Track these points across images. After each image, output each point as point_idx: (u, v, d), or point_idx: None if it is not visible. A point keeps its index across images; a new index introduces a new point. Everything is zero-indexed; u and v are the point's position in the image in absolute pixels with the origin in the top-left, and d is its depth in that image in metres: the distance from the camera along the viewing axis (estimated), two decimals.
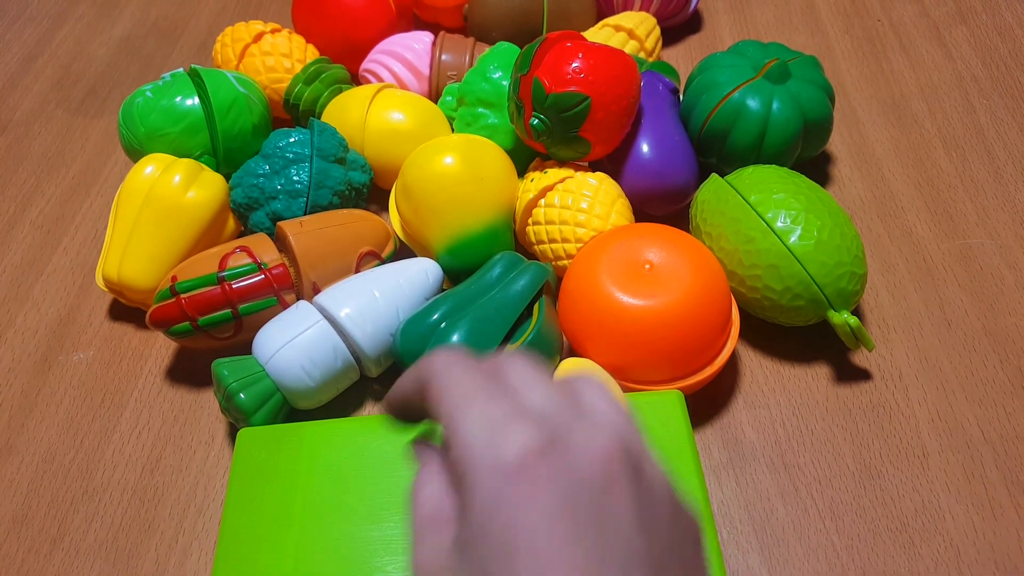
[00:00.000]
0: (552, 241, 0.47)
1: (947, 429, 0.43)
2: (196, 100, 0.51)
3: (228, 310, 0.43)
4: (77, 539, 0.41)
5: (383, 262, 0.47)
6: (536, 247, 0.48)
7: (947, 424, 0.43)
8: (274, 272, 0.44)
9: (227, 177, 0.51)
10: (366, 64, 0.59)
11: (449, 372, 0.21)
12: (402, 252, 0.51)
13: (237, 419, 0.41)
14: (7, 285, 0.53)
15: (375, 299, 0.43)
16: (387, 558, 0.33)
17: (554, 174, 0.48)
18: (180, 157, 0.50)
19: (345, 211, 0.48)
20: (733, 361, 0.46)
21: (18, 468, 0.44)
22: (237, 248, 0.45)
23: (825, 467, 0.42)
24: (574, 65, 0.46)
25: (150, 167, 0.47)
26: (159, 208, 0.46)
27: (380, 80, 0.58)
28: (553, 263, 0.47)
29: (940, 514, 0.40)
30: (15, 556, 0.41)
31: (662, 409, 0.38)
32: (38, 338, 0.50)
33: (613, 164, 0.50)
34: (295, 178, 0.47)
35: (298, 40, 0.59)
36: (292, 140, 0.48)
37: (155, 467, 0.44)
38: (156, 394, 0.47)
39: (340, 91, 0.57)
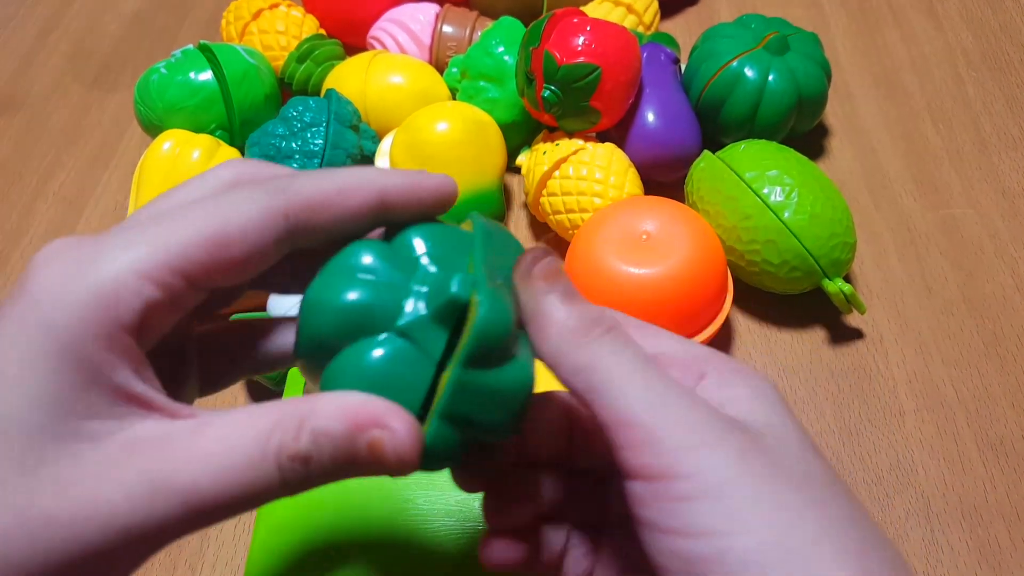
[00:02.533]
0: (569, 211, 0.49)
1: (923, 390, 0.45)
2: (210, 74, 0.53)
3: None
4: None
5: None
6: (552, 217, 0.51)
7: (923, 385, 0.45)
8: None
9: (242, 150, 0.54)
10: (373, 31, 0.61)
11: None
12: None
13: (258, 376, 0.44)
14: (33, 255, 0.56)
15: None
16: (418, 492, 0.37)
17: (566, 146, 0.50)
18: (197, 130, 0.53)
19: None
20: (725, 326, 0.49)
21: None
22: None
23: (807, 425, 0.44)
24: (582, 38, 0.48)
25: (168, 143, 0.50)
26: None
27: (385, 47, 0.60)
28: (570, 232, 0.50)
29: (913, 468, 0.42)
30: None
31: None
32: None
33: (619, 133, 0.53)
34: (311, 140, 0.50)
35: (294, 16, 0.60)
36: (311, 105, 0.51)
37: None
38: None
39: (332, 67, 0.58)
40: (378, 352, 0.19)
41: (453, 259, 0.21)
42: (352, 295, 0.20)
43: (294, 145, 0.50)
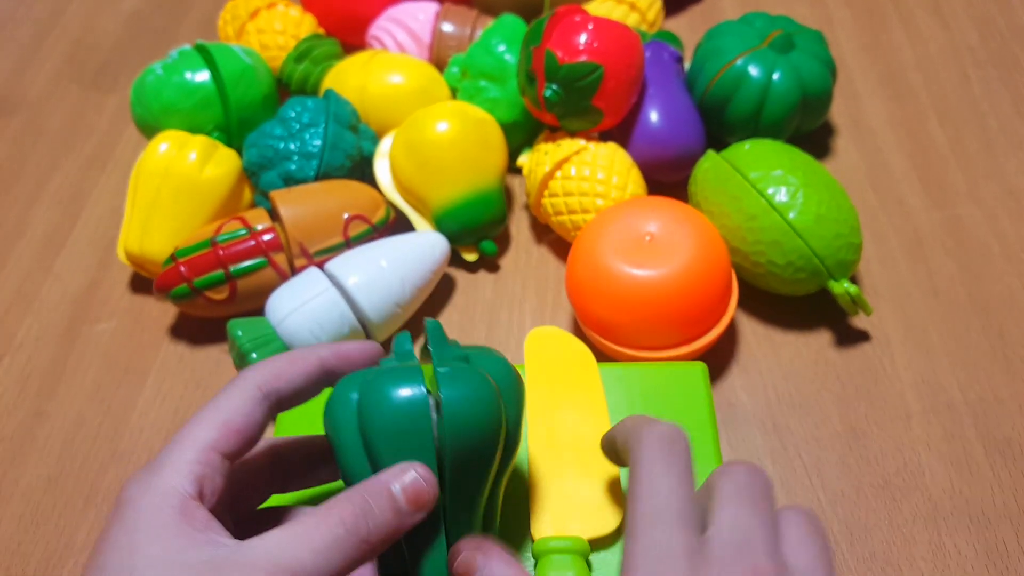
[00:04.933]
0: (571, 212, 0.49)
1: (930, 392, 0.45)
2: (207, 74, 0.53)
3: (220, 271, 0.46)
4: (109, 497, 0.44)
5: (374, 227, 0.49)
6: (554, 218, 0.50)
7: (930, 387, 0.45)
8: (263, 236, 0.46)
9: (239, 150, 0.53)
10: (373, 30, 0.60)
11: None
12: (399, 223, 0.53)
13: None
14: (30, 258, 0.56)
15: (382, 269, 0.46)
16: None
17: (568, 146, 0.49)
18: (194, 131, 0.52)
19: (334, 181, 0.50)
20: (730, 328, 0.48)
21: (50, 432, 0.47)
22: (233, 218, 0.47)
23: (813, 428, 0.44)
24: (584, 37, 0.47)
25: (164, 145, 0.49)
26: (177, 185, 0.48)
27: (384, 46, 0.59)
28: (572, 233, 0.49)
29: (920, 471, 0.42)
30: (51, 512, 0.44)
31: (686, 379, 0.40)
32: (62, 309, 0.53)
33: (621, 133, 0.52)
34: (310, 141, 0.49)
35: (292, 15, 0.60)
36: (309, 106, 0.50)
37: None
38: (177, 362, 0.49)
39: (331, 67, 0.58)
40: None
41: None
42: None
43: (292, 146, 0.50)
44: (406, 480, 0.27)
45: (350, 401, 0.28)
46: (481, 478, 0.29)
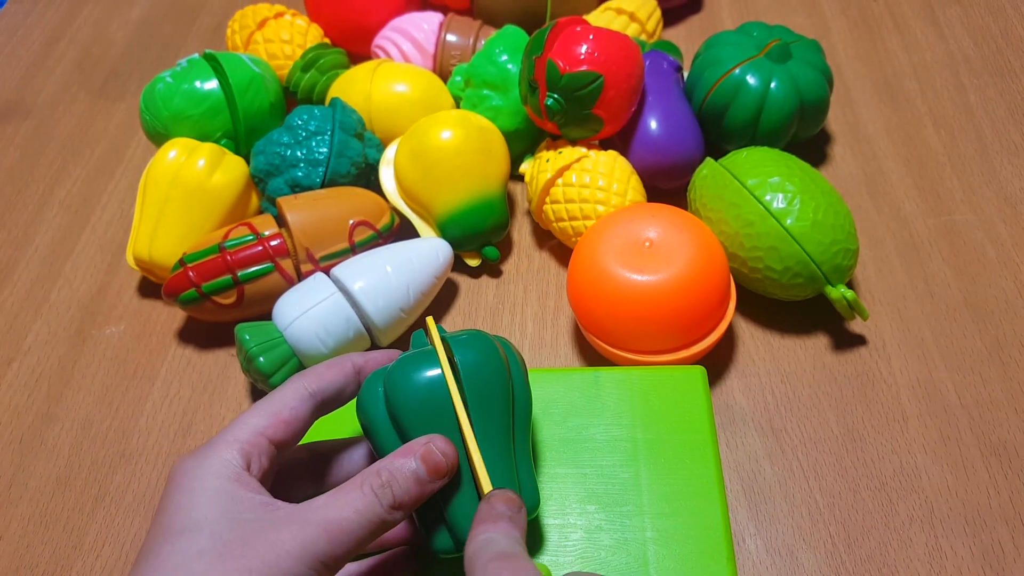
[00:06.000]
0: (572, 219, 0.50)
1: (926, 395, 0.45)
2: (215, 83, 0.54)
3: (228, 276, 0.47)
4: (117, 498, 0.45)
5: (379, 233, 0.50)
6: (555, 224, 0.51)
7: (926, 390, 0.46)
8: (270, 241, 0.47)
9: (247, 158, 0.54)
10: (378, 40, 0.61)
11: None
12: (403, 228, 0.54)
13: (256, 380, 0.45)
14: (40, 263, 0.56)
15: (387, 274, 0.46)
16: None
17: (569, 154, 0.50)
18: (202, 138, 0.53)
19: (340, 188, 0.51)
20: (728, 333, 0.49)
21: (59, 434, 0.48)
22: (241, 224, 0.48)
23: (811, 431, 0.44)
24: (585, 47, 0.48)
25: (174, 151, 0.50)
26: (186, 191, 0.49)
27: (389, 56, 0.60)
28: (573, 239, 0.50)
29: (916, 474, 0.42)
30: (60, 513, 0.44)
31: (685, 383, 0.41)
32: (71, 313, 0.53)
33: (622, 141, 0.53)
34: (316, 148, 0.50)
35: (299, 25, 0.61)
36: (316, 114, 0.51)
37: (187, 433, 0.47)
38: (185, 365, 0.50)
39: (337, 76, 0.59)
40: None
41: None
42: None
43: (299, 154, 0.50)
44: (423, 452, 0.30)
45: (377, 392, 0.32)
46: (501, 428, 0.32)
